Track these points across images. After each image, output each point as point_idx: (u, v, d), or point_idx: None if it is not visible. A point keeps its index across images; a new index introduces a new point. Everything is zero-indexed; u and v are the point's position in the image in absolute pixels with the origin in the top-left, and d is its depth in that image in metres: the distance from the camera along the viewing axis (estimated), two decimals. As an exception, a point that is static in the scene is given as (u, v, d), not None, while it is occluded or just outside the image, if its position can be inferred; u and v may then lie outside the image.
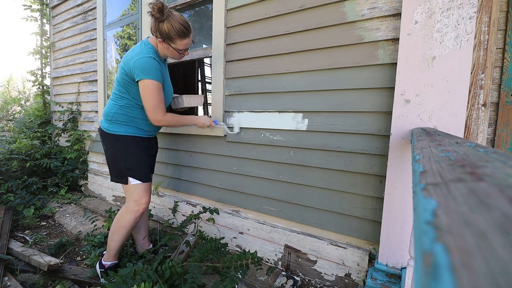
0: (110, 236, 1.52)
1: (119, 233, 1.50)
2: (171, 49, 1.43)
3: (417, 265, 0.15)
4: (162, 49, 1.44)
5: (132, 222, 1.49)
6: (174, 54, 1.46)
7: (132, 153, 1.48)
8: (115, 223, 1.52)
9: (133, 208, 1.49)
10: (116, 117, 1.46)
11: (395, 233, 1.21)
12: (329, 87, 1.44)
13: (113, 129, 1.46)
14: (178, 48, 1.43)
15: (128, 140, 1.48)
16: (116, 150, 1.48)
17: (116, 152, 1.48)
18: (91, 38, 2.94)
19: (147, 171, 1.55)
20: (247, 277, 1.57)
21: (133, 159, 1.49)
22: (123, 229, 1.49)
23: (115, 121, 1.46)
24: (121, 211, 1.52)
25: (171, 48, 1.42)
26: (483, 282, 0.11)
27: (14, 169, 2.91)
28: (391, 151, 1.20)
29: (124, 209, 1.52)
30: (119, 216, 1.52)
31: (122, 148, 1.47)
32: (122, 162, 1.48)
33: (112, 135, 1.46)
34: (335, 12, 1.39)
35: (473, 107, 1.18)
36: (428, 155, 0.39)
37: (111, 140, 1.48)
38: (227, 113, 1.85)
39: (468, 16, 1.02)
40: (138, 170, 1.50)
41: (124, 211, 1.51)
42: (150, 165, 1.62)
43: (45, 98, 3.80)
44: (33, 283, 1.49)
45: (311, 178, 1.53)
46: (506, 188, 0.20)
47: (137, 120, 1.49)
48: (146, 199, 1.52)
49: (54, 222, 2.43)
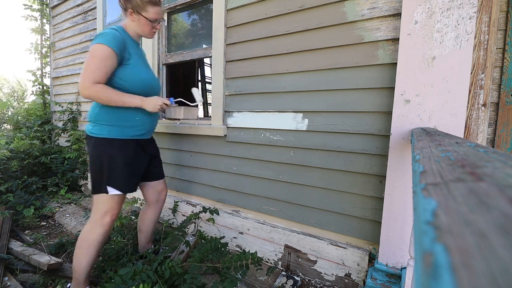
0: (76, 259, 1.30)
1: (87, 253, 1.29)
2: (142, 20, 1.31)
3: (417, 265, 0.15)
4: (132, 25, 1.33)
5: (101, 239, 1.32)
6: (146, 26, 1.33)
7: (115, 158, 1.30)
8: (82, 242, 1.31)
9: (101, 221, 1.30)
10: (100, 117, 1.29)
11: (395, 233, 1.21)
12: (329, 87, 1.44)
13: (96, 131, 1.29)
14: (150, 18, 1.31)
15: (112, 143, 1.30)
16: (97, 154, 1.30)
17: (98, 157, 1.30)
18: (91, 38, 2.94)
19: (131, 180, 1.37)
20: (247, 277, 1.57)
21: (116, 165, 1.30)
22: (91, 248, 1.30)
23: (98, 122, 1.30)
24: (87, 228, 1.32)
25: (142, 18, 1.30)
26: (483, 282, 0.11)
27: (14, 169, 2.91)
28: (391, 151, 1.20)
29: (90, 224, 1.32)
30: (85, 234, 1.31)
31: (104, 152, 1.29)
32: (104, 168, 1.29)
33: (95, 138, 1.29)
34: (335, 12, 1.39)
35: (473, 107, 1.18)
36: (428, 155, 0.39)
37: (94, 143, 1.30)
38: (227, 113, 1.85)
39: (468, 16, 1.02)
40: (120, 178, 1.31)
41: (90, 226, 1.31)
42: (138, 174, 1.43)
43: (45, 98, 3.80)
44: (33, 283, 1.49)
45: (311, 178, 1.53)
46: (506, 188, 0.20)
47: (124, 117, 1.31)
48: (117, 211, 1.35)
49: (54, 222, 2.43)
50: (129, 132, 1.34)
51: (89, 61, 1.19)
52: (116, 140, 1.31)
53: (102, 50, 1.19)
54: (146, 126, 1.42)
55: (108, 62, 1.21)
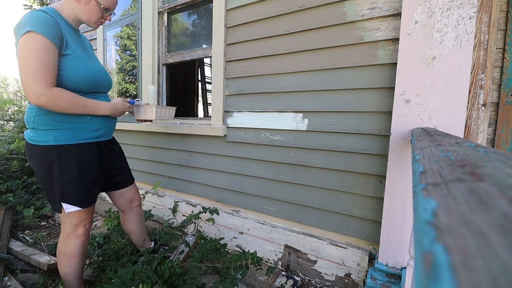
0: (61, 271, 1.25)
1: (69, 264, 1.22)
2: (92, 5, 1.09)
3: (417, 265, 0.15)
4: (74, 8, 1.10)
5: (80, 247, 1.22)
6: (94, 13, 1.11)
7: (67, 169, 1.08)
8: (61, 256, 1.23)
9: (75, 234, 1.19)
10: (40, 121, 1.05)
11: (395, 233, 1.21)
12: (329, 87, 1.44)
13: (40, 138, 1.05)
14: (104, 4, 1.11)
15: (63, 151, 1.07)
16: (44, 167, 1.07)
17: (45, 170, 1.07)
18: (91, 38, 2.94)
19: (90, 192, 1.18)
20: (247, 277, 1.57)
21: (68, 178, 1.09)
22: (73, 258, 1.22)
23: (40, 127, 1.06)
24: (61, 243, 1.22)
25: (93, 2, 1.09)
26: (483, 282, 0.11)
27: (14, 169, 2.91)
28: (391, 151, 1.20)
29: (64, 240, 1.21)
30: (62, 248, 1.22)
31: (53, 162, 1.06)
32: (54, 183, 1.08)
33: (38, 147, 1.06)
34: (335, 12, 1.39)
35: (473, 107, 1.18)
36: (428, 155, 0.39)
37: (38, 154, 1.07)
38: (227, 113, 1.85)
39: (468, 16, 1.02)
40: (77, 193, 1.12)
41: (64, 239, 1.21)
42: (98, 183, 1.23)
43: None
44: (33, 283, 1.49)
45: (311, 178, 1.53)
46: (506, 188, 0.20)
47: (71, 118, 1.09)
48: (89, 220, 1.24)
49: (54, 222, 2.43)
50: (82, 134, 1.13)
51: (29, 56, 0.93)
52: (67, 146, 1.08)
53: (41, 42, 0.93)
54: (103, 124, 1.20)
55: (50, 55, 0.96)
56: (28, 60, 0.93)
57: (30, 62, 0.93)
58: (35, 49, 0.93)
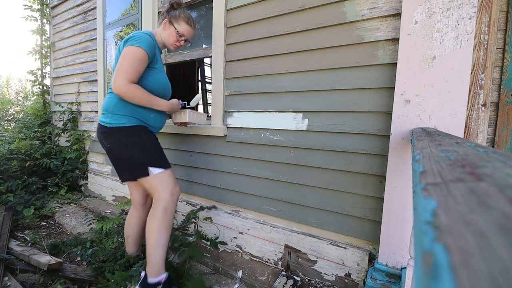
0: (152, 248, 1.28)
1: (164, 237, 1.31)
2: (171, 30, 1.44)
3: (417, 265, 0.15)
4: (161, 34, 1.46)
5: (173, 216, 1.36)
6: (172, 37, 1.45)
7: (146, 141, 1.36)
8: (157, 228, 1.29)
9: (170, 199, 1.32)
10: (118, 109, 1.33)
11: (395, 233, 1.21)
12: (329, 87, 1.44)
13: (117, 121, 1.32)
14: (179, 31, 1.45)
15: (136, 129, 1.35)
16: (125, 142, 1.32)
17: (126, 145, 1.32)
18: (91, 38, 2.94)
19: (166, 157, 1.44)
20: (247, 277, 1.57)
21: (150, 146, 1.36)
22: (167, 231, 1.32)
23: (117, 113, 1.33)
24: (157, 212, 1.31)
25: (172, 28, 1.44)
26: (483, 282, 0.11)
27: (14, 169, 2.91)
28: (391, 151, 1.20)
29: (159, 207, 1.31)
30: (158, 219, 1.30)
31: (133, 138, 1.33)
32: (138, 152, 1.32)
33: (117, 128, 1.31)
34: (335, 12, 1.39)
35: (473, 107, 1.18)
36: (428, 155, 0.39)
37: (117, 135, 1.32)
38: (227, 113, 1.85)
39: (468, 16, 1.02)
40: (159, 157, 1.38)
41: (161, 208, 1.31)
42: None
43: (45, 98, 3.80)
44: (33, 283, 1.49)
45: (311, 178, 1.53)
46: (506, 188, 0.20)
47: (140, 112, 1.37)
48: (178, 186, 1.41)
49: (54, 222, 2.43)
50: (141, 120, 1.40)
51: (125, 61, 1.25)
52: (139, 126, 1.36)
53: (137, 52, 1.26)
54: (158, 121, 1.48)
55: (142, 64, 1.29)
56: (126, 63, 1.24)
57: (128, 64, 1.24)
58: (135, 58, 1.26)
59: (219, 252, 1.85)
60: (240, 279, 1.57)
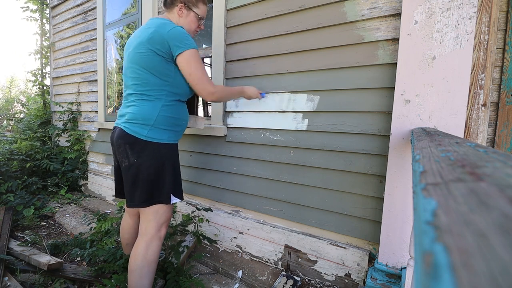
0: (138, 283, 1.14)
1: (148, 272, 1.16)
2: (191, 16, 1.30)
3: (417, 265, 0.15)
4: (178, 21, 1.29)
5: (159, 249, 1.22)
6: (193, 23, 1.32)
7: (177, 165, 1.26)
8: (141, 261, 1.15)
9: (158, 235, 1.21)
10: (160, 121, 1.17)
11: (395, 233, 1.21)
12: (329, 87, 1.44)
13: (157, 136, 1.16)
14: (199, 14, 1.32)
15: (173, 149, 1.24)
16: (160, 162, 1.17)
17: (159, 165, 1.17)
18: (91, 38, 2.94)
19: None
20: (247, 277, 1.57)
21: (179, 171, 1.28)
22: (153, 264, 1.18)
23: (158, 126, 1.17)
24: (144, 243, 1.18)
25: (192, 13, 1.30)
26: (483, 282, 0.11)
27: (14, 169, 2.91)
28: (391, 151, 1.20)
29: (145, 240, 1.18)
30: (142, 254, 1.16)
31: (171, 159, 1.21)
32: (170, 176, 1.20)
33: (154, 143, 1.16)
34: (335, 12, 1.39)
35: (473, 107, 1.18)
36: (428, 155, 0.39)
37: (152, 150, 1.15)
38: (227, 113, 1.85)
39: (468, 16, 1.02)
40: (180, 186, 1.29)
41: (146, 243, 1.18)
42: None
43: (45, 98, 3.80)
44: (33, 283, 1.49)
45: (311, 178, 1.53)
46: (506, 188, 0.20)
47: (177, 121, 1.25)
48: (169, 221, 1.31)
49: (54, 222, 2.43)
50: (178, 136, 1.30)
51: (198, 67, 1.18)
52: (174, 145, 1.25)
53: (199, 55, 1.21)
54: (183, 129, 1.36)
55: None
56: (200, 68, 1.19)
57: (202, 68, 1.20)
58: (200, 59, 1.21)
59: (219, 252, 1.85)
60: (240, 279, 1.57)
